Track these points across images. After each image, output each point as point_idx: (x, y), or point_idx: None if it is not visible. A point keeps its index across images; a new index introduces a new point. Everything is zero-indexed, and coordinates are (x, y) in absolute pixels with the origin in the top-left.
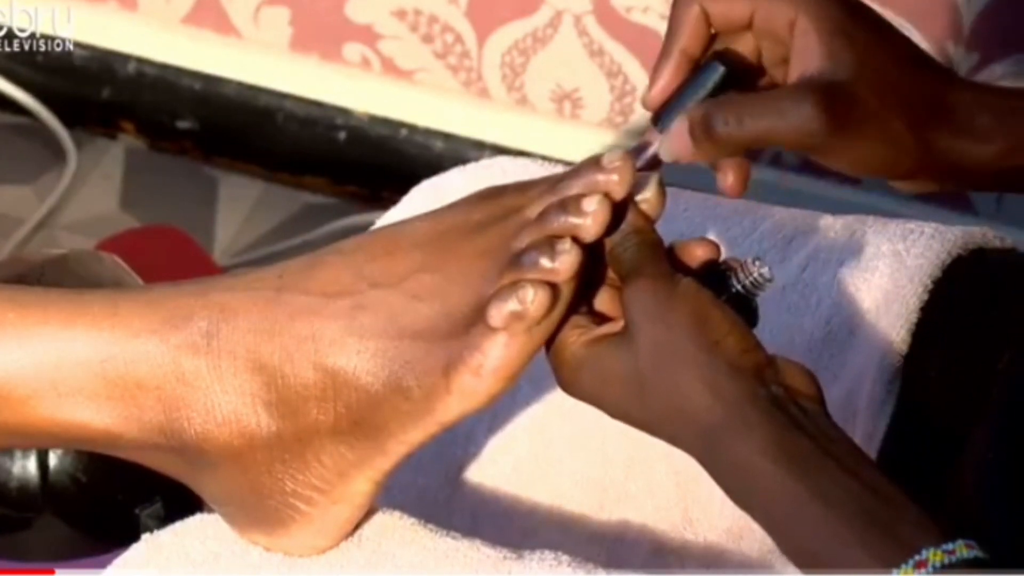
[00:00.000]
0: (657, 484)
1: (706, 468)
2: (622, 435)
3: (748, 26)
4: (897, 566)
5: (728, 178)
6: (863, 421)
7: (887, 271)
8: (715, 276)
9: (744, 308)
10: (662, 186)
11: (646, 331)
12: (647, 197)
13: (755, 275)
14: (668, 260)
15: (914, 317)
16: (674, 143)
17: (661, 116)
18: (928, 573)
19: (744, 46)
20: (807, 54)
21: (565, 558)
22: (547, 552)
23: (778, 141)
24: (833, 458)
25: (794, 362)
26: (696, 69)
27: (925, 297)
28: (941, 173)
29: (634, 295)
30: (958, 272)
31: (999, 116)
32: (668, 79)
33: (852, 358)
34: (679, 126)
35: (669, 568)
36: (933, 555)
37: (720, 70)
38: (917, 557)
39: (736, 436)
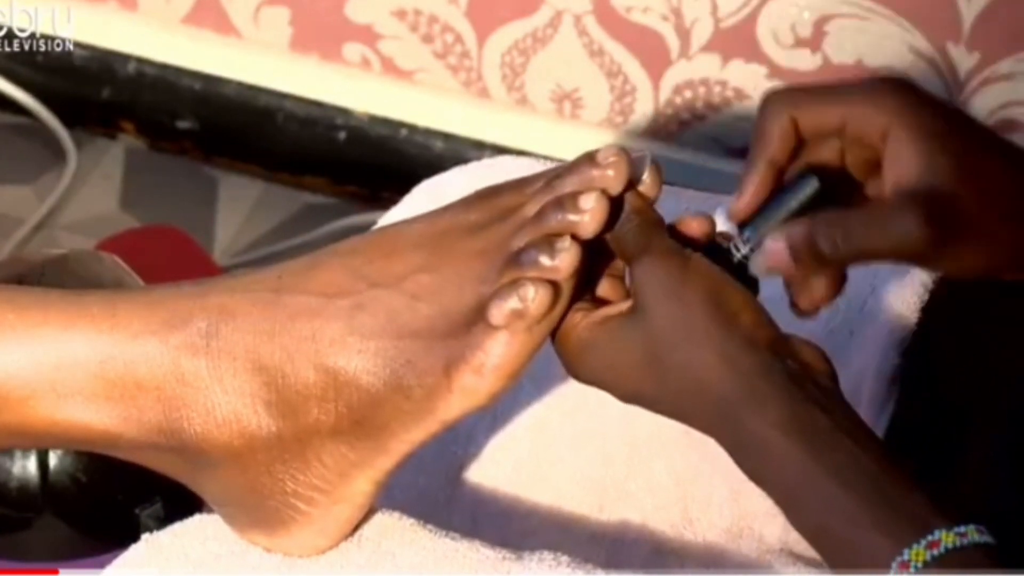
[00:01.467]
0: (657, 484)
1: (720, 442)
2: (622, 435)
3: (837, 132)
4: (909, 545)
5: (821, 290)
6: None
7: (887, 271)
8: (715, 250)
9: (745, 279)
10: (657, 168)
11: (660, 307)
12: (643, 180)
13: (752, 243)
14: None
15: (914, 317)
16: (772, 259)
17: (748, 225)
18: (939, 553)
19: (829, 151)
20: (902, 162)
21: (565, 558)
22: (547, 552)
23: (882, 256)
24: (848, 435)
25: (806, 340)
26: (782, 178)
27: (925, 297)
28: None
29: (645, 272)
30: None
31: None
32: (757, 189)
33: (852, 358)
34: (777, 243)
35: (669, 568)
36: (945, 536)
37: (815, 184)
38: (930, 537)
39: (752, 410)
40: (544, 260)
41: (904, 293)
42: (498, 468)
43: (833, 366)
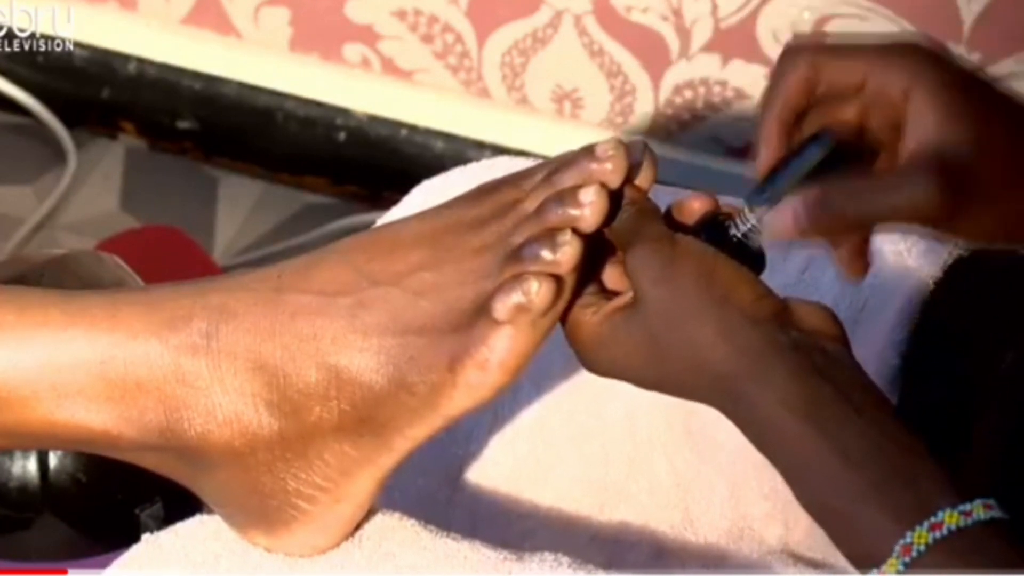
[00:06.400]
0: (657, 484)
1: (730, 419)
2: (623, 435)
3: (857, 90)
4: (911, 527)
5: (847, 260)
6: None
7: (887, 271)
8: (715, 228)
9: (749, 254)
10: (653, 157)
11: (653, 294)
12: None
13: (753, 221)
14: (667, 224)
15: (916, 316)
16: (783, 222)
17: (762, 188)
18: (943, 535)
19: (845, 111)
20: (923, 127)
21: (565, 559)
22: (547, 553)
23: (896, 220)
24: (854, 406)
25: (811, 303)
26: (793, 134)
27: (927, 297)
28: None
29: (636, 260)
30: (958, 272)
31: None
32: (774, 146)
33: None
34: (789, 205)
35: (669, 569)
36: (949, 517)
37: (829, 144)
38: (933, 519)
39: (755, 385)
40: (546, 254)
41: (904, 293)
42: (498, 469)
43: (842, 326)
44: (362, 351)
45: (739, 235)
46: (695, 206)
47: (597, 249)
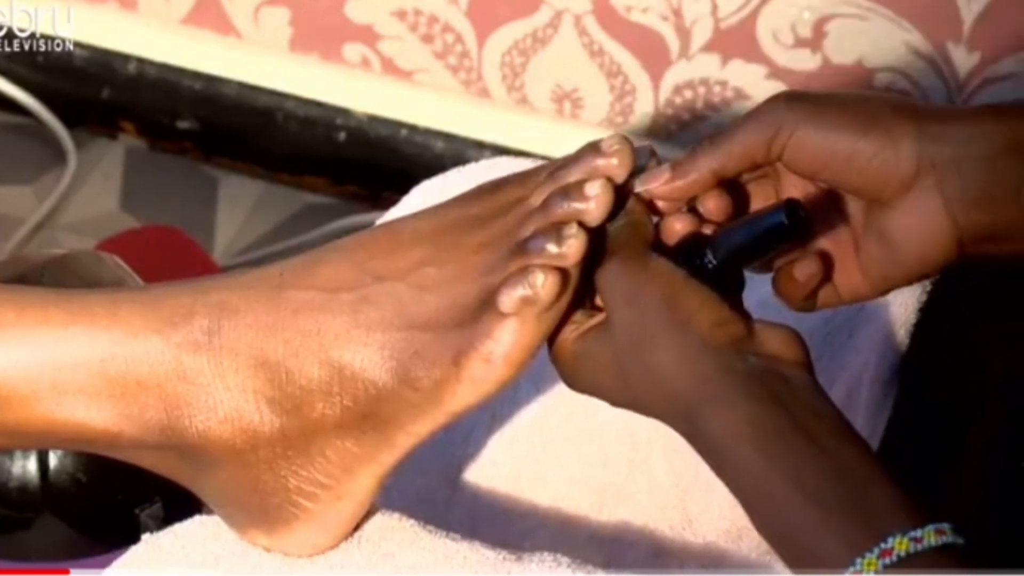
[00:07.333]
0: (656, 484)
1: (689, 442)
2: (622, 436)
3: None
4: (862, 553)
5: (783, 286)
6: (861, 422)
7: None
8: (691, 251)
9: (727, 277)
10: (657, 162)
11: (620, 315)
12: (642, 176)
13: (715, 260)
14: (653, 238)
15: (913, 318)
16: (659, 178)
17: (719, 239)
18: (892, 562)
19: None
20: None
21: (565, 559)
22: (547, 554)
23: (753, 142)
24: (809, 436)
25: (777, 326)
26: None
27: (924, 298)
28: None
29: (607, 279)
30: (955, 272)
31: None
32: (698, 180)
33: (851, 359)
34: (665, 165)
35: (668, 568)
36: (898, 543)
37: (796, 212)
38: (883, 546)
39: (711, 412)
40: (551, 247)
41: (902, 294)
42: (497, 469)
43: (807, 350)
44: (366, 346)
45: (714, 260)
46: (676, 227)
47: (600, 249)
